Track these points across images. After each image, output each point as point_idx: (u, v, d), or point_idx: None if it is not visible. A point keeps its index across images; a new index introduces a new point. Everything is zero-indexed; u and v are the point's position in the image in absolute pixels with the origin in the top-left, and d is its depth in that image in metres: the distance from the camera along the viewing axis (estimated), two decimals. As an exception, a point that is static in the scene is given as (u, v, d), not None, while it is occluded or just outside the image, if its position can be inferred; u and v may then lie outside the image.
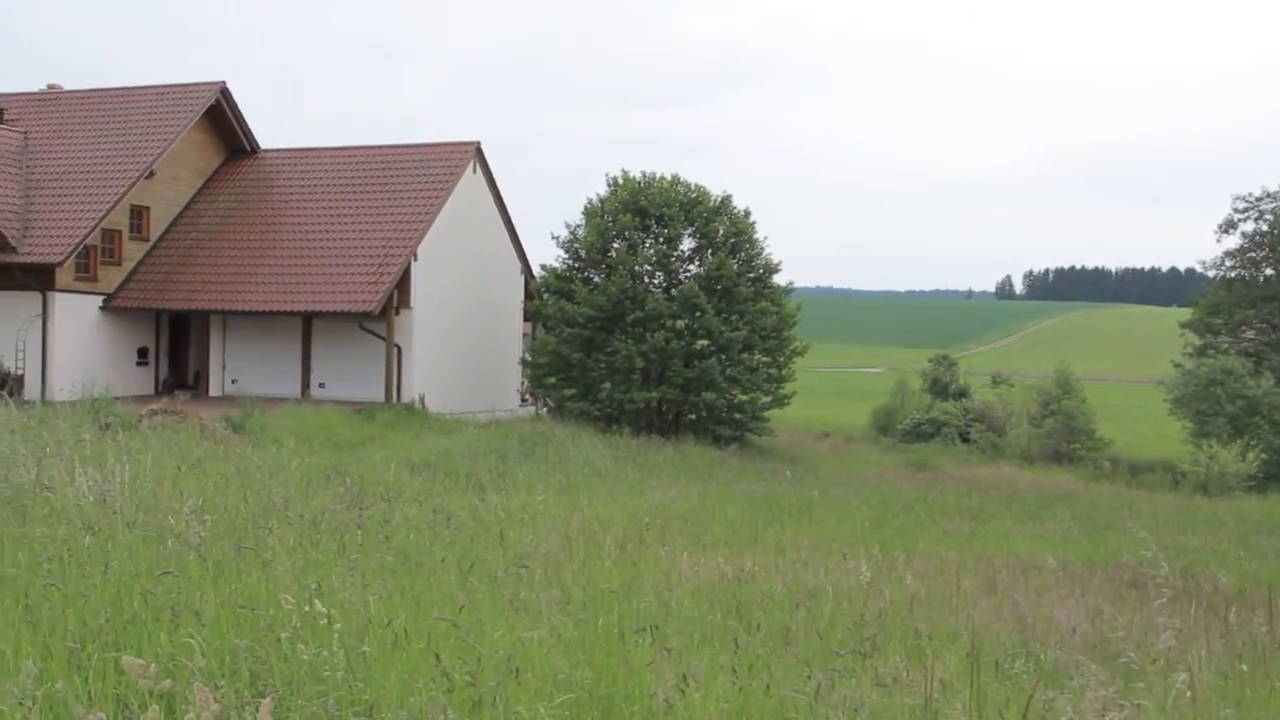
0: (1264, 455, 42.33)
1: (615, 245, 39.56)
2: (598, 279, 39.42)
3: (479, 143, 39.10)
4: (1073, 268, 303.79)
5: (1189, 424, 47.73)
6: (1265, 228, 55.78)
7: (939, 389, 67.28)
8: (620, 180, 41.07)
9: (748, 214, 41.14)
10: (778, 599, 9.80)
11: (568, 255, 40.75)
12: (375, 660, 5.16)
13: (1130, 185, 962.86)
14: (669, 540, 13.27)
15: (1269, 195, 55.66)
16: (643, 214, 39.71)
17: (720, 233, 40.08)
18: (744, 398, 39.72)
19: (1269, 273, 56.39)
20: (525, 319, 42.68)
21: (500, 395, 39.72)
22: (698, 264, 40.36)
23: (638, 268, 39.38)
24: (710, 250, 40.09)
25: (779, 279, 41.21)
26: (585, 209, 41.05)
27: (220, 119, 39.79)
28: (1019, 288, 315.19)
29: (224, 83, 39.18)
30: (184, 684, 4.38)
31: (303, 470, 14.19)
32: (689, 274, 40.02)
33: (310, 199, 38.67)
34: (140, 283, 36.17)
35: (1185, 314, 59.93)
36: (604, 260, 39.55)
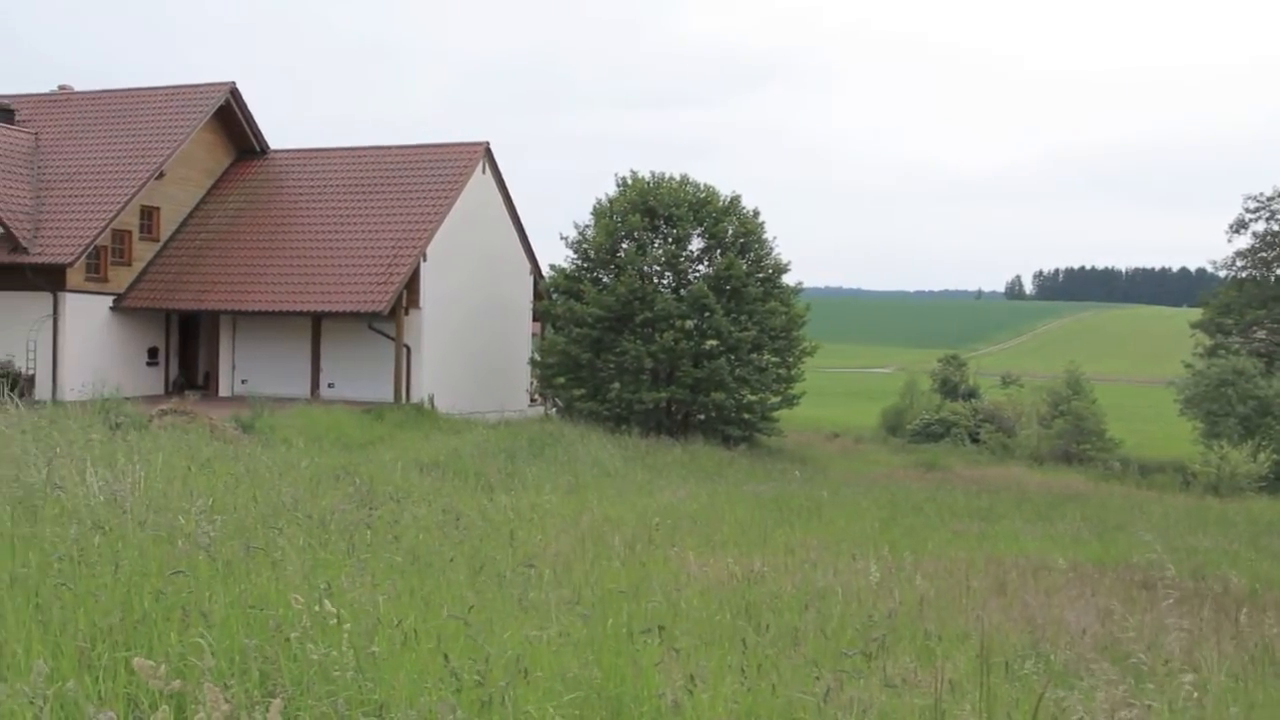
0: (1275, 456, 42.22)
1: (624, 245, 39.55)
2: (607, 279, 39.41)
3: (488, 143, 39.14)
4: (1083, 268, 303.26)
5: (1200, 424, 47.62)
6: (1276, 227, 55.68)
7: (948, 389, 67.24)
8: (629, 180, 41.07)
9: (756, 214, 41.13)
10: (787, 600, 9.80)
11: (577, 255, 40.75)
12: (385, 660, 5.17)
13: (1141, 185, 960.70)
14: (678, 540, 13.27)
15: (1280, 195, 55.56)
16: (652, 214, 39.71)
17: (729, 233, 40.07)
18: (753, 398, 39.70)
19: (1280, 273, 56.29)
20: (534, 319, 42.70)
21: (509, 395, 39.74)
22: (707, 264, 40.33)
23: (647, 268, 39.38)
24: (719, 250, 40.07)
25: (788, 279, 41.21)
26: (594, 209, 41.05)
27: (230, 120, 39.88)
28: (1029, 288, 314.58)
29: (234, 83, 39.25)
30: (194, 684, 4.39)
31: (312, 470, 14.22)
32: (698, 274, 39.99)
33: (320, 199, 38.74)
34: (150, 283, 36.27)
35: (1196, 314, 59.83)
36: (613, 260, 39.56)
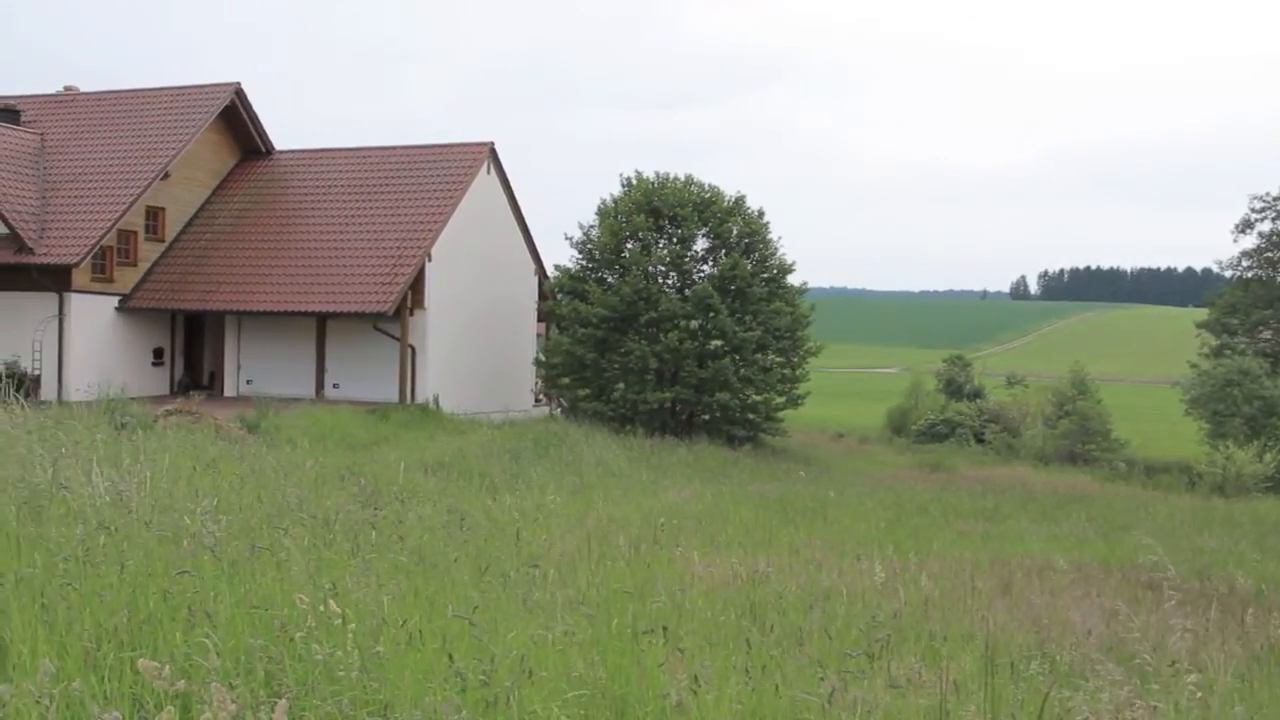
0: (1281, 456, 42.12)
1: (629, 246, 39.56)
2: (611, 279, 39.42)
3: (493, 143, 39.15)
4: (1088, 268, 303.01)
5: (1205, 425, 47.56)
6: (1282, 227, 55.54)
7: (954, 389, 67.20)
8: (634, 181, 41.09)
9: (761, 214, 41.13)
10: (791, 600, 9.79)
11: (581, 256, 40.76)
12: (389, 660, 5.17)
13: (1147, 185, 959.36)
14: (683, 541, 13.26)
15: (1287, 195, 55.43)
16: (656, 214, 39.71)
17: (734, 233, 40.06)
18: (758, 398, 39.69)
19: (1286, 273, 56.17)
20: (539, 319, 42.72)
21: (514, 396, 39.75)
22: (711, 264, 40.33)
23: (651, 268, 39.38)
24: (724, 251, 40.07)
25: (793, 279, 41.20)
26: (599, 209, 41.07)
27: (235, 120, 39.91)
28: (1034, 288, 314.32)
29: (239, 84, 39.31)
30: (200, 684, 4.39)
31: (317, 470, 14.23)
32: (703, 274, 40.00)
33: (325, 200, 38.77)
34: (156, 283, 36.32)
35: (1202, 314, 59.71)
36: (618, 261, 39.55)
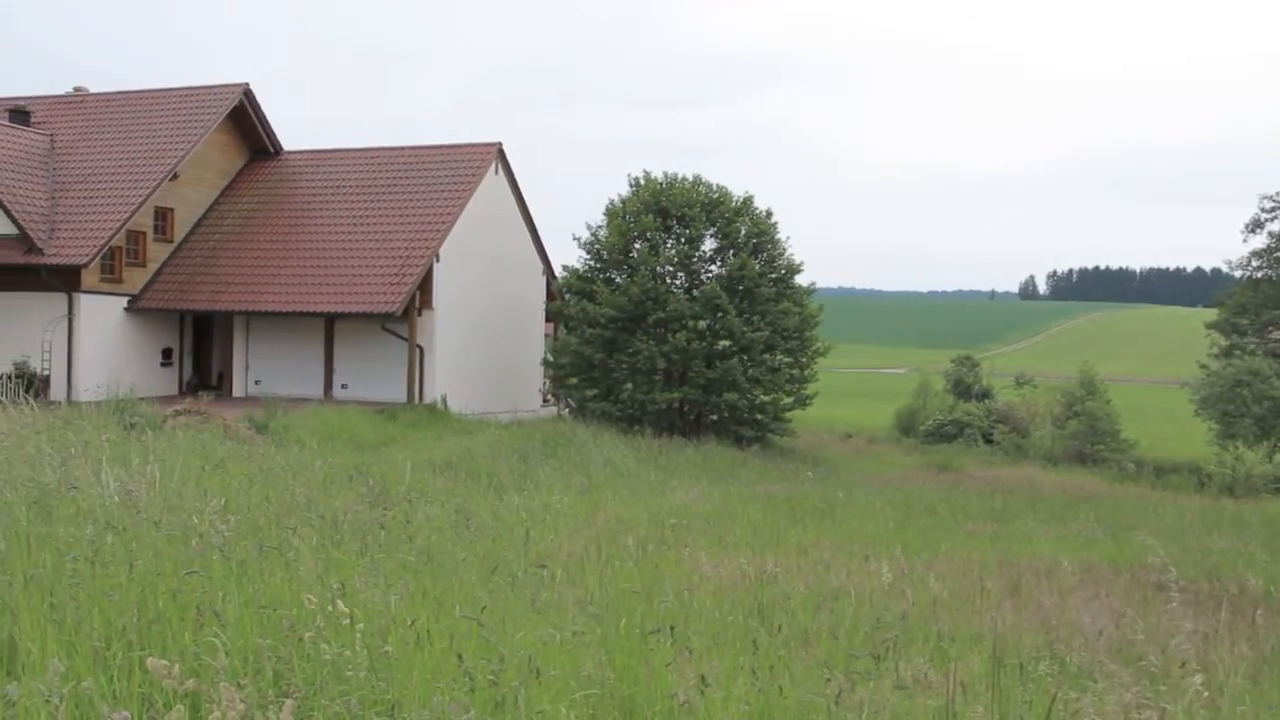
0: (1291, 456, 42.02)
1: (637, 246, 39.55)
2: (619, 280, 39.41)
3: (500, 144, 39.16)
4: (1097, 268, 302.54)
5: (1215, 425, 47.46)
6: (1292, 227, 55.40)
7: (962, 390, 67.12)
8: (642, 181, 41.07)
9: (769, 214, 41.09)
10: (799, 600, 9.78)
11: (589, 256, 40.76)
12: (398, 660, 5.18)
13: (1155, 184, 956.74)
14: (691, 541, 13.26)
15: (1296, 194, 55.31)
16: (664, 214, 39.70)
17: (742, 233, 40.03)
18: (766, 398, 39.64)
19: (1296, 273, 56.03)
20: (547, 319, 42.73)
21: (522, 396, 39.77)
22: (719, 264, 40.30)
23: (659, 268, 39.36)
24: (732, 251, 40.04)
25: (801, 279, 41.15)
26: (607, 210, 41.07)
27: (243, 121, 39.99)
28: (1042, 288, 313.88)
29: (247, 84, 39.37)
30: (208, 683, 4.40)
31: (325, 470, 14.24)
32: (710, 275, 39.97)
33: (333, 200, 38.82)
34: (164, 284, 36.39)
35: (1211, 314, 59.59)
36: (626, 261, 39.55)
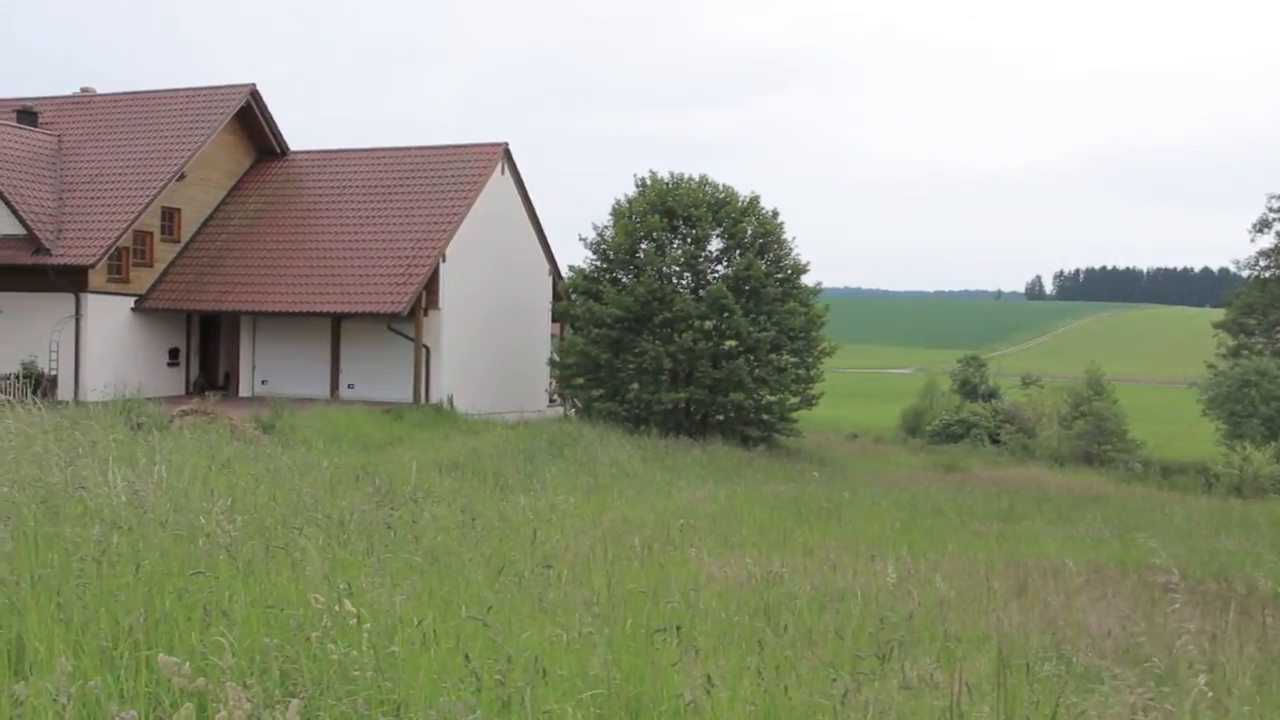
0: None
1: (643, 246, 39.55)
2: (626, 280, 39.42)
3: (507, 144, 39.19)
4: (1104, 268, 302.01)
5: (1222, 425, 47.33)
6: (1300, 227, 55.28)
7: (968, 390, 66.99)
8: (648, 181, 41.07)
9: (775, 214, 41.07)
10: (805, 601, 9.77)
11: (596, 256, 40.76)
12: (404, 660, 5.18)
13: (1163, 184, 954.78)
14: (697, 541, 13.26)
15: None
16: (670, 215, 39.70)
17: (748, 233, 40.02)
18: (772, 398, 39.63)
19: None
20: (553, 320, 42.74)
21: (528, 396, 39.79)
22: (726, 265, 40.30)
23: (666, 268, 39.36)
24: (738, 251, 40.02)
25: (807, 279, 41.14)
26: (613, 210, 41.07)
27: (250, 121, 40.05)
28: (1049, 288, 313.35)
29: (254, 85, 39.44)
30: (215, 682, 4.41)
31: (332, 470, 14.25)
32: (717, 275, 39.96)
33: (339, 200, 38.87)
34: (171, 284, 36.46)
35: (1219, 314, 59.47)
36: (632, 261, 39.56)
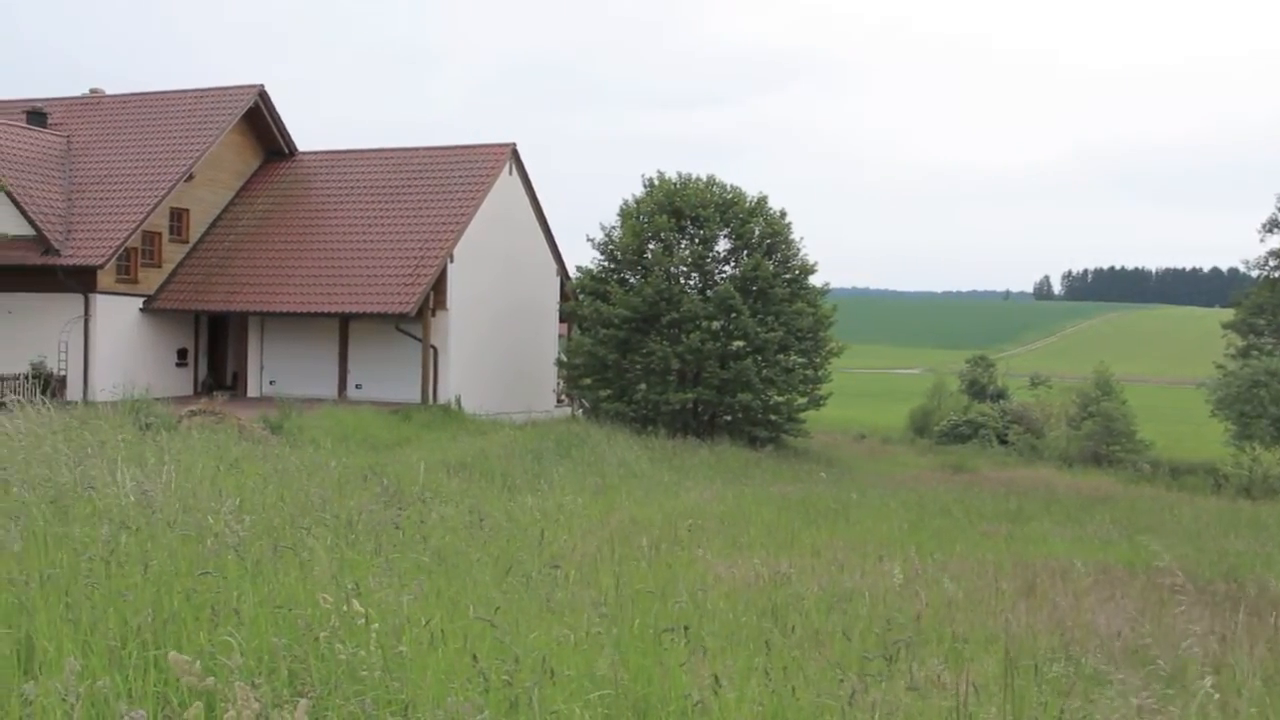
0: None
1: (651, 246, 39.54)
2: (633, 280, 39.42)
3: (514, 144, 39.21)
4: (1112, 268, 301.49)
5: (1231, 426, 47.20)
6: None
7: (976, 390, 66.91)
8: (656, 181, 41.06)
9: (783, 215, 41.03)
10: (813, 601, 9.76)
11: (603, 256, 40.77)
12: (412, 660, 5.18)
13: (1172, 184, 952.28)
14: (704, 542, 13.24)
15: (1314, 194, 55.02)
16: (678, 215, 39.68)
17: (756, 234, 39.99)
18: (780, 399, 39.59)
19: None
20: (561, 320, 42.77)
21: (536, 396, 39.81)
22: (733, 265, 40.27)
23: (673, 269, 39.35)
24: (746, 251, 40.00)
25: (815, 280, 41.09)
26: (621, 210, 41.07)
27: (258, 122, 40.12)
28: (1057, 288, 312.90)
29: (262, 86, 39.50)
30: (224, 682, 4.41)
31: (340, 471, 14.26)
32: (724, 275, 39.93)
33: (347, 201, 38.92)
34: (180, 284, 36.54)
35: (1228, 314, 59.28)
36: (640, 261, 39.55)
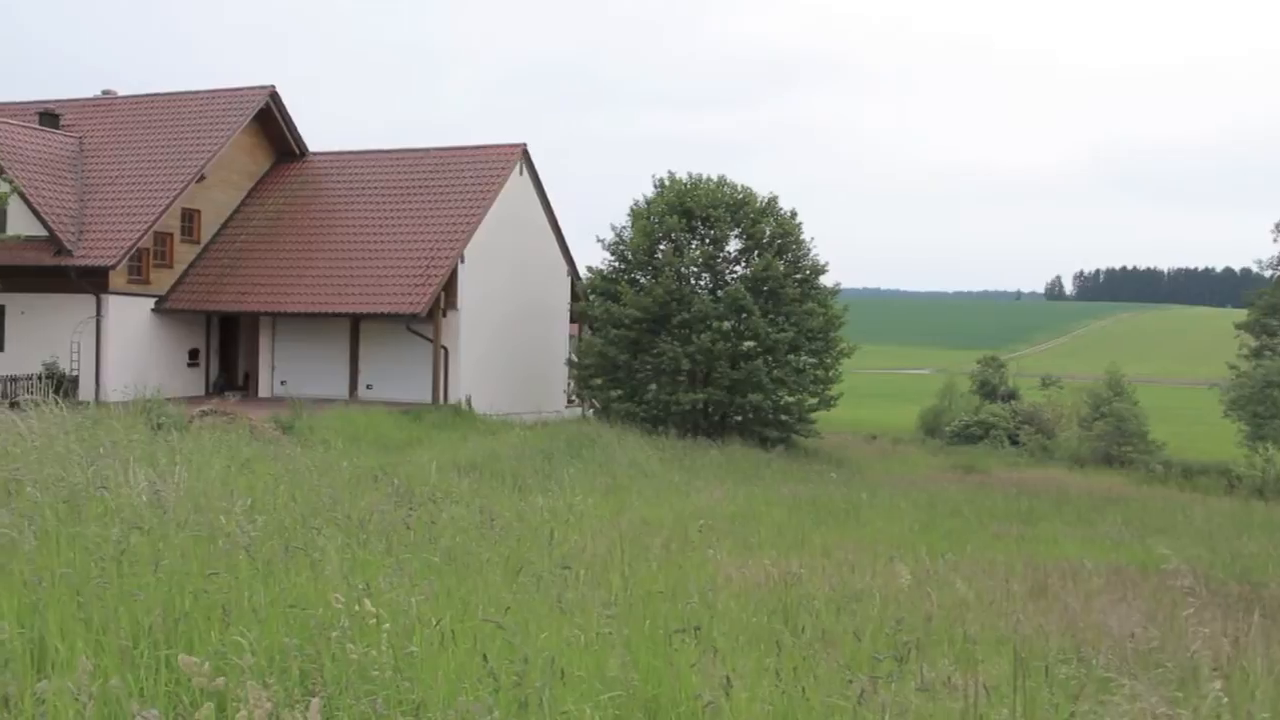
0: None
1: (661, 247, 39.56)
2: (644, 280, 39.43)
3: (525, 145, 39.25)
4: (1124, 268, 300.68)
5: (1244, 427, 47.04)
6: (1323, 227, 54.80)
7: (987, 391, 66.70)
8: (666, 182, 41.08)
9: (794, 215, 41.03)
10: (823, 602, 9.75)
11: (614, 257, 40.80)
12: (423, 660, 5.19)
13: (1184, 184, 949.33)
14: (715, 542, 13.23)
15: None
16: (689, 215, 39.68)
17: (767, 234, 39.98)
18: (790, 399, 39.58)
19: (1327, 273, 55.46)
20: (571, 320, 42.79)
21: (546, 396, 39.83)
22: (744, 265, 40.27)
23: (684, 269, 39.36)
24: (757, 251, 39.99)
25: (826, 280, 41.11)
26: (631, 210, 41.10)
27: (269, 123, 40.22)
28: (1069, 288, 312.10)
29: (273, 87, 39.61)
30: (235, 682, 4.42)
31: (351, 471, 14.28)
32: (735, 275, 39.95)
33: (358, 201, 39.00)
34: (191, 285, 36.64)
35: (1241, 315, 58.97)
36: (650, 262, 39.56)
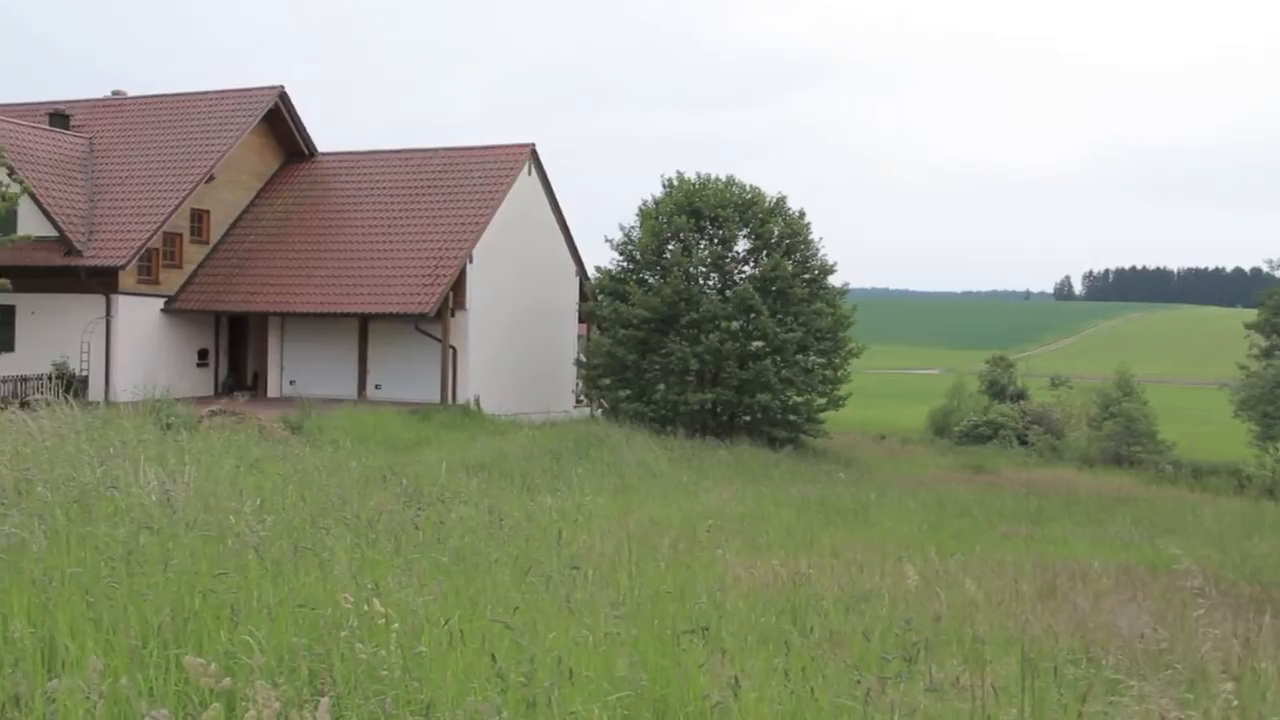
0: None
1: (670, 247, 39.55)
2: (652, 280, 39.42)
3: (534, 145, 39.28)
4: (1134, 268, 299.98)
5: (1254, 427, 46.95)
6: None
7: (996, 391, 66.59)
8: (675, 182, 41.07)
9: (803, 215, 41.00)
10: (832, 602, 9.74)
11: (622, 257, 40.81)
12: (431, 660, 5.19)
13: (1194, 183, 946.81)
14: (723, 542, 13.23)
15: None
16: (697, 215, 39.67)
17: (775, 234, 39.95)
18: (799, 399, 39.53)
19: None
20: (580, 320, 42.80)
21: (555, 396, 39.84)
22: (753, 265, 40.24)
23: (692, 269, 39.34)
24: (765, 251, 39.97)
25: (834, 280, 41.08)
26: (640, 210, 41.10)
27: (278, 123, 40.30)
28: (1078, 288, 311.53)
29: (282, 87, 39.68)
30: (244, 682, 4.43)
31: (360, 471, 14.30)
32: (744, 275, 39.91)
33: (367, 202, 39.06)
34: (200, 285, 36.73)
35: (1251, 315, 58.82)
36: (659, 262, 39.56)
